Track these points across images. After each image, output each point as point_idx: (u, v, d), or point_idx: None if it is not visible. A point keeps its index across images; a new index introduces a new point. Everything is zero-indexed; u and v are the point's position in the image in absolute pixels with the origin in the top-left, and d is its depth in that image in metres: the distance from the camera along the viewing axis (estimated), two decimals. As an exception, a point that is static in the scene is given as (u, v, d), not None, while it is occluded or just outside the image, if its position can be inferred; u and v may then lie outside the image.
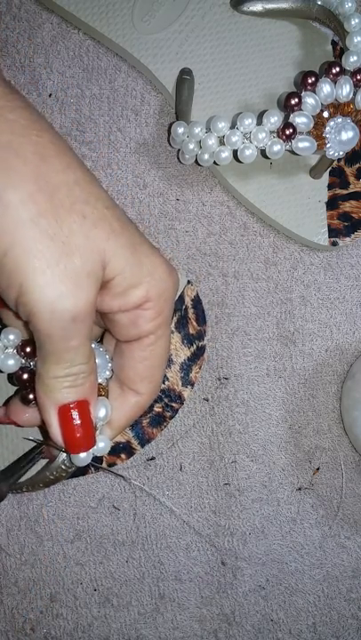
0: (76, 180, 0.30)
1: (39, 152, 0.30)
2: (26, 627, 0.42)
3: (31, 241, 0.29)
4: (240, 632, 0.43)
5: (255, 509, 0.43)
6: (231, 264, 0.44)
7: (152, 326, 0.33)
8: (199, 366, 0.42)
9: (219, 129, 0.40)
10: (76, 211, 0.30)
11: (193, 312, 0.42)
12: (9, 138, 0.29)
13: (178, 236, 0.44)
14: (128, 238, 0.31)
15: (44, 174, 0.29)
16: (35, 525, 0.42)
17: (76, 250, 0.29)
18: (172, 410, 0.41)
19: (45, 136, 0.30)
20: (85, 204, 0.30)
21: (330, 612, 0.43)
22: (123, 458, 0.41)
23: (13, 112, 0.30)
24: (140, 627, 0.43)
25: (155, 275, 0.32)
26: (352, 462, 0.44)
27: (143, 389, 0.35)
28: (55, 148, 0.30)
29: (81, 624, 0.42)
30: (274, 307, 0.44)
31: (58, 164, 0.30)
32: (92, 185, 0.31)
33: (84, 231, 0.30)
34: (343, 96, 0.39)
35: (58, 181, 0.30)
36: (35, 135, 0.30)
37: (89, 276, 0.30)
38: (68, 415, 0.32)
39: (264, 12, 0.44)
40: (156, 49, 0.44)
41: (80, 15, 0.43)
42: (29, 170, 0.29)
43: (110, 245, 0.30)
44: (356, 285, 0.45)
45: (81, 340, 0.31)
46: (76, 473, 0.41)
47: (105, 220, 0.30)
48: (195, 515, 0.43)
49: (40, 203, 0.29)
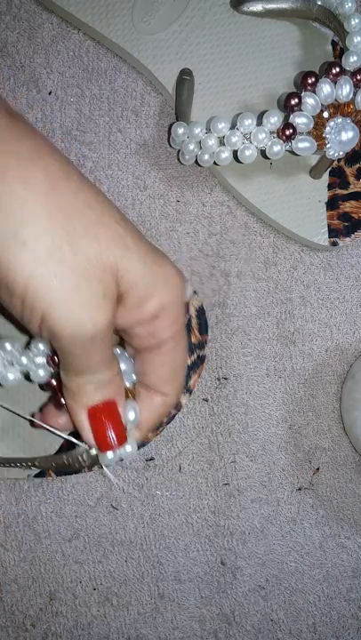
0: (86, 202, 0.31)
1: (49, 179, 0.30)
2: (26, 622, 0.42)
3: (49, 276, 0.29)
4: (240, 632, 0.43)
5: (255, 509, 0.43)
6: (233, 264, 0.44)
7: (170, 333, 0.33)
8: (198, 374, 0.42)
9: (219, 129, 0.40)
10: (90, 234, 0.30)
11: (196, 322, 0.42)
12: (17, 171, 0.29)
13: (179, 238, 0.44)
14: (140, 251, 0.32)
15: (55, 202, 0.30)
16: (33, 522, 0.42)
17: (92, 274, 0.30)
18: (168, 415, 0.42)
19: (53, 162, 0.30)
20: (98, 226, 0.30)
21: (330, 612, 0.43)
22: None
23: (19, 141, 0.30)
24: (140, 626, 0.43)
25: (168, 283, 0.33)
26: (352, 462, 0.44)
27: (168, 390, 0.35)
28: (63, 172, 0.30)
29: (80, 622, 0.42)
30: (274, 307, 0.44)
31: (67, 189, 0.30)
32: (102, 204, 0.31)
33: (98, 254, 0.30)
34: (343, 96, 0.39)
35: (70, 207, 0.30)
36: (43, 162, 0.30)
37: (105, 297, 0.30)
38: (98, 416, 0.33)
39: (264, 12, 0.44)
40: (156, 49, 0.44)
41: (80, 15, 0.43)
42: (41, 202, 0.29)
43: (124, 262, 0.31)
44: (356, 285, 0.45)
45: (102, 356, 0.32)
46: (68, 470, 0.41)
47: (118, 237, 0.31)
48: (194, 515, 0.43)
49: (55, 233, 0.29)
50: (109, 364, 0.33)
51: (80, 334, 0.30)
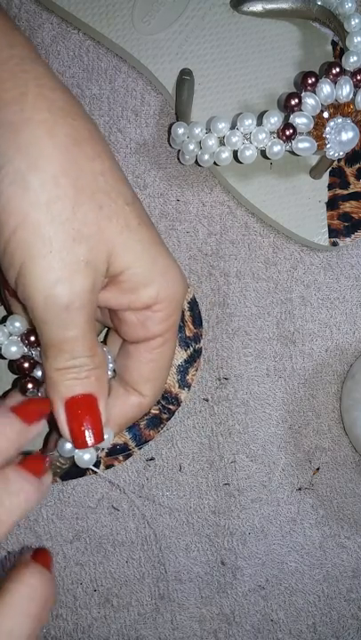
0: (103, 170, 0.30)
1: (73, 135, 0.30)
2: (26, 627, 0.42)
3: (41, 223, 0.29)
4: (240, 632, 0.43)
5: (255, 509, 0.43)
6: (233, 263, 0.44)
7: (160, 329, 0.33)
8: (196, 368, 0.42)
9: (219, 129, 0.40)
10: (95, 200, 0.30)
11: (189, 315, 0.42)
12: (45, 116, 0.29)
13: (179, 237, 0.44)
14: (143, 235, 0.31)
15: (73, 158, 0.29)
16: (34, 525, 0.42)
17: (83, 238, 0.29)
18: (169, 412, 0.41)
19: (81, 121, 0.30)
20: (106, 196, 0.30)
21: (330, 612, 0.43)
22: (120, 460, 0.41)
23: (54, 92, 0.30)
24: (140, 627, 0.43)
25: (167, 276, 0.32)
26: (352, 462, 0.44)
27: (147, 391, 0.35)
28: (89, 134, 0.30)
29: (81, 624, 0.42)
30: (274, 307, 0.44)
31: (89, 151, 0.30)
32: (117, 178, 0.31)
33: (97, 221, 0.30)
34: (343, 96, 0.39)
35: (85, 168, 0.30)
36: (71, 118, 0.30)
37: (87, 265, 0.30)
38: (74, 409, 0.32)
39: (264, 12, 0.44)
40: (156, 49, 0.44)
41: (80, 15, 0.43)
42: (58, 152, 0.29)
43: (122, 239, 0.30)
44: (356, 285, 0.45)
45: (79, 331, 0.30)
46: (73, 474, 0.41)
47: (122, 214, 0.31)
48: (194, 515, 0.43)
49: (61, 186, 0.29)
50: (89, 349, 0.31)
51: (52, 297, 0.29)
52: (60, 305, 0.29)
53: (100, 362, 0.32)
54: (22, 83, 0.30)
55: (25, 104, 0.29)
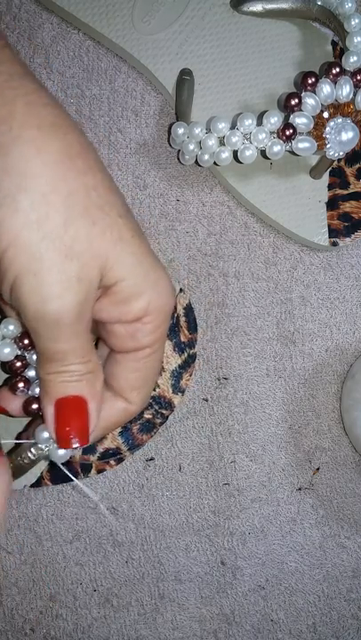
0: (94, 184, 0.30)
1: (64, 150, 0.30)
2: (25, 627, 0.42)
3: (32, 242, 0.29)
4: (240, 632, 0.43)
5: (255, 509, 0.43)
6: (232, 264, 0.44)
7: (149, 340, 0.33)
8: (190, 373, 0.42)
9: (219, 129, 0.40)
10: (88, 216, 0.30)
11: (185, 320, 0.42)
12: (34, 133, 0.29)
13: (178, 237, 0.44)
14: (136, 248, 0.31)
15: (64, 175, 0.29)
16: (34, 525, 0.42)
17: (75, 255, 0.29)
18: (162, 417, 0.41)
19: (73, 135, 0.30)
20: (99, 210, 0.30)
21: (330, 612, 0.43)
22: (112, 464, 0.41)
23: (44, 108, 0.30)
24: (140, 627, 0.43)
25: (157, 287, 0.32)
26: (352, 462, 0.44)
27: (133, 398, 0.35)
28: (81, 148, 0.30)
29: (81, 625, 0.42)
30: (274, 307, 0.44)
31: (81, 165, 0.30)
32: (109, 191, 0.31)
33: (89, 238, 0.30)
34: (343, 96, 0.39)
35: (76, 184, 0.30)
36: (62, 132, 0.30)
37: (80, 281, 0.30)
38: (63, 410, 0.32)
39: (264, 12, 0.44)
40: (156, 49, 0.44)
41: (80, 15, 0.43)
42: (48, 169, 0.29)
43: (116, 252, 0.31)
44: (356, 285, 0.45)
45: (69, 344, 0.31)
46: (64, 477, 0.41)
47: (115, 227, 0.31)
48: (194, 515, 0.43)
49: (52, 204, 0.29)
50: (81, 358, 0.32)
51: (43, 312, 0.29)
52: (51, 320, 0.30)
53: (93, 367, 0.32)
54: (10, 100, 0.30)
55: (13, 122, 0.29)
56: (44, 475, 0.41)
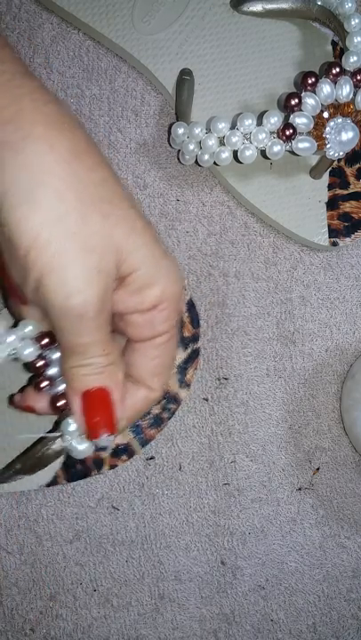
0: (103, 178, 0.31)
1: (72, 148, 0.30)
2: (25, 627, 0.42)
3: (52, 240, 0.29)
4: (240, 632, 0.43)
5: (255, 509, 0.43)
6: (232, 264, 0.44)
7: (166, 326, 0.34)
8: (194, 368, 0.42)
9: (219, 129, 0.40)
10: (100, 210, 0.30)
11: (187, 316, 0.42)
12: (42, 131, 0.30)
13: (178, 237, 0.44)
14: (147, 237, 0.32)
15: (75, 171, 0.30)
16: (34, 525, 0.42)
17: (93, 249, 0.30)
18: (169, 411, 0.42)
19: (78, 132, 0.31)
20: (109, 204, 0.31)
21: (330, 612, 0.43)
22: (124, 459, 0.41)
23: (47, 105, 0.30)
24: (140, 627, 0.43)
25: (170, 275, 0.33)
26: (352, 462, 0.44)
27: (155, 385, 0.35)
28: (86, 145, 0.31)
29: (81, 625, 0.42)
30: (274, 307, 0.44)
31: (89, 162, 0.30)
32: (117, 184, 0.32)
33: (104, 230, 0.30)
34: (343, 96, 0.39)
35: (87, 179, 0.30)
36: (68, 130, 0.30)
37: (100, 273, 0.30)
38: (89, 402, 0.33)
39: (264, 12, 0.44)
40: (156, 49, 0.44)
41: (80, 15, 0.43)
42: (60, 167, 0.30)
43: (129, 243, 0.31)
44: (356, 285, 0.45)
45: (92, 337, 0.32)
46: (80, 474, 0.41)
47: (128, 218, 0.31)
48: (194, 514, 0.43)
49: (68, 200, 0.30)
50: (102, 350, 0.32)
51: (68, 308, 0.30)
52: (75, 315, 0.30)
53: (113, 359, 0.33)
54: (17, 98, 0.30)
55: (22, 121, 0.30)
56: (59, 473, 0.41)
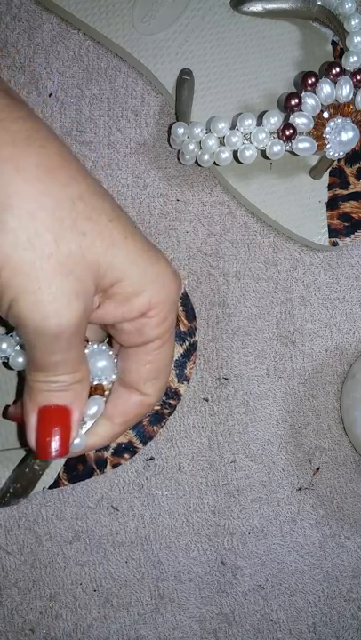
0: (80, 193, 0.30)
1: (43, 164, 0.29)
2: (25, 627, 0.42)
3: (25, 262, 0.28)
4: (240, 632, 0.43)
5: (255, 509, 0.43)
6: (232, 264, 0.44)
7: (157, 332, 0.33)
8: (193, 362, 0.42)
9: (219, 129, 0.40)
10: (77, 228, 0.29)
11: (182, 310, 0.42)
12: (11, 151, 0.29)
13: (178, 237, 0.44)
14: (130, 248, 0.31)
15: (47, 189, 0.29)
16: (33, 525, 0.42)
17: (70, 271, 0.29)
18: (170, 406, 0.42)
19: (50, 147, 0.30)
20: (88, 221, 0.30)
21: (330, 612, 0.43)
22: (126, 457, 0.41)
23: (16, 123, 0.29)
24: (140, 627, 0.42)
25: (158, 282, 0.32)
26: (352, 462, 0.44)
27: (148, 390, 0.35)
28: (60, 159, 0.30)
29: (80, 625, 0.42)
30: (274, 307, 0.44)
31: (62, 177, 0.29)
32: (96, 197, 0.30)
33: (82, 250, 0.29)
34: (343, 96, 0.39)
35: (61, 196, 0.29)
36: (38, 146, 0.29)
37: (77, 296, 0.30)
38: (46, 419, 0.32)
39: (264, 12, 0.44)
40: (156, 49, 0.44)
41: (80, 15, 0.43)
42: (31, 186, 0.29)
43: (109, 256, 0.30)
44: (356, 285, 0.45)
45: (63, 356, 0.31)
46: (81, 476, 0.41)
47: (106, 233, 0.30)
48: (194, 515, 0.43)
49: (40, 220, 0.29)
50: (72, 369, 0.32)
51: (44, 329, 0.29)
52: (50, 336, 0.29)
53: (81, 377, 0.32)
54: None
55: None
56: (62, 475, 0.41)
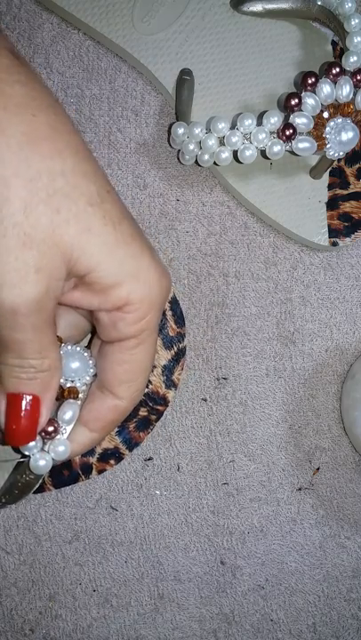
0: (62, 169, 0.29)
1: (30, 133, 0.28)
2: (25, 627, 0.42)
3: None
4: (239, 632, 0.43)
5: (254, 509, 0.43)
6: (232, 264, 0.44)
7: (133, 330, 0.32)
8: (181, 367, 0.41)
9: (219, 129, 0.40)
10: (52, 203, 0.28)
11: (171, 314, 0.41)
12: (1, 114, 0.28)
13: (178, 237, 0.44)
14: (109, 237, 0.30)
15: (27, 158, 0.28)
16: (32, 525, 0.42)
17: (34, 244, 0.28)
18: (157, 413, 0.41)
19: (42, 116, 0.29)
20: (65, 198, 0.29)
21: (330, 612, 0.43)
22: (112, 463, 0.41)
23: (12, 87, 0.28)
24: (140, 627, 0.42)
25: (139, 277, 0.31)
26: (352, 462, 0.44)
27: (121, 393, 0.34)
28: (50, 130, 0.29)
29: (80, 625, 0.42)
30: (274, 307, 0.44)
31: (47, 149, 0.28)
32: (80, 177, 0.29)
33: (52, 226, 0.28)
34: (343, 96, 0.39)
35: (41, 168, 0.28)
36: (30, 114, 0.28)
37: (39, 271, 0.28)
38: (13, 405, 0.31)
39: (264, 12, 0.44)
40: (156, 49, 0.44)
41: (80, 15, 0.43)
42: (10, 152, 0.28)
43: (82, 242, 0.29)
44: (356, 285, 0.45)
45: (27, 335, 0.30)
46: (67, 481, 0.41)
47: (82, 217, 0.29)
48: (193, 514, 0.43)
49: (12, 187, 0.28)
50: (38, 353, 0.30)
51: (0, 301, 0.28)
52: (6, 309, 0.28)
53: (50, 365, 0.31)
54: None
55: None
56: (46, 480, 0.41)
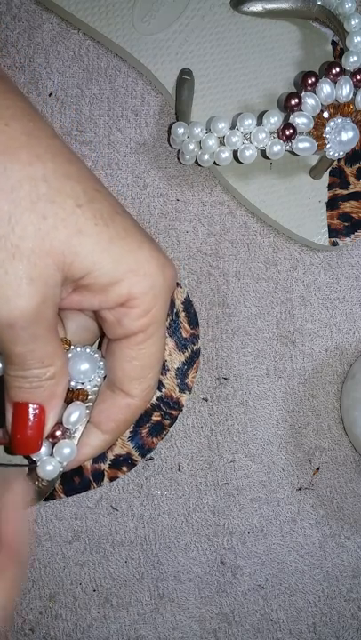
0: (44, 174, 0.28)
1: (4, 142, 0.28)
2: (25, 627, 0.42)
3: None
4: (239, 632, 0.43)
5: (254, 509, 0.43)
6: (232, 264, 0.44)
7: (140, 325, 0.31)
8: (195, 370, 0.41)
9: (219, 129, 0.40)
10: (37, 210, 0.28)
11: (185, 315, 0.41)
12: None
13: (178, 236, 0.44)
14: (102, 236, 0.29)
15: (6, 169, 0.27)
16: (33, 525, 0.42)
17: (24, 254, 0.28)
18: (170, 417, 0.41)
19: (16, 125, 0.28)
20: (50, 203, 0.28)
21: (330, 612, 0.43)
22: (124, 470, 0.41)
23: None
24: (140, 627, 0.42)
25: (139, 271, 0.30)
26: (352, 462, 0.44)
27: (133, 391, 0.33)
28: (26, 137, 0.28)
29: (80, 625, 0.42)
30: (274, 307, 0.44)
31: (25, 157, 0.28)
32: (64, 180, 0.29)
33: (40, 234, 0.28)
34: (343, 96, 0.39)
35: (21, 177, 0.28)
36: (3, 124, 0.28)
37: (32, 282, 0.28)
38: (19, 414, 0.31)
39: (264, 12, 0.44)
40: (156, 49, 0.44)
41: (80, 15, 0.43)
42: None
43: (74, 246, 0.29)
44: (356, 285, 0.45)
45: (27, 348, 0.29)
46: (78, 489, 0.41)
47: (72, 219, 0.29)
48: (193, 514, 0.43)
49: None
50: (42, 363, 0.30)
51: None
52: (3, 324, 0.28)
53: (54, 373, 0.31)
54: None
55: None
56: (57, 487, 0.40)
